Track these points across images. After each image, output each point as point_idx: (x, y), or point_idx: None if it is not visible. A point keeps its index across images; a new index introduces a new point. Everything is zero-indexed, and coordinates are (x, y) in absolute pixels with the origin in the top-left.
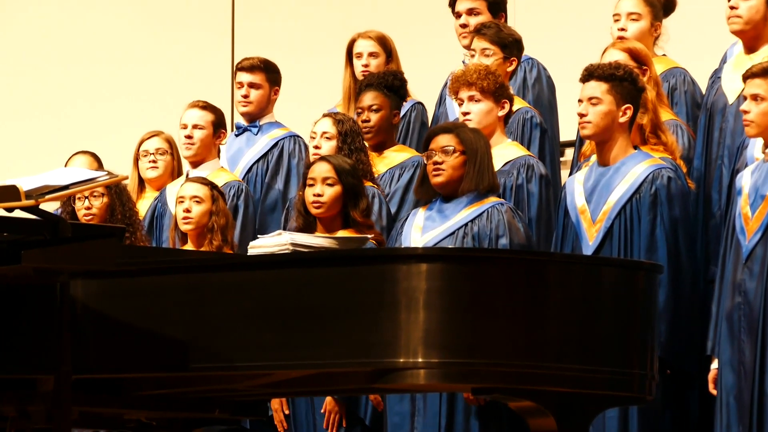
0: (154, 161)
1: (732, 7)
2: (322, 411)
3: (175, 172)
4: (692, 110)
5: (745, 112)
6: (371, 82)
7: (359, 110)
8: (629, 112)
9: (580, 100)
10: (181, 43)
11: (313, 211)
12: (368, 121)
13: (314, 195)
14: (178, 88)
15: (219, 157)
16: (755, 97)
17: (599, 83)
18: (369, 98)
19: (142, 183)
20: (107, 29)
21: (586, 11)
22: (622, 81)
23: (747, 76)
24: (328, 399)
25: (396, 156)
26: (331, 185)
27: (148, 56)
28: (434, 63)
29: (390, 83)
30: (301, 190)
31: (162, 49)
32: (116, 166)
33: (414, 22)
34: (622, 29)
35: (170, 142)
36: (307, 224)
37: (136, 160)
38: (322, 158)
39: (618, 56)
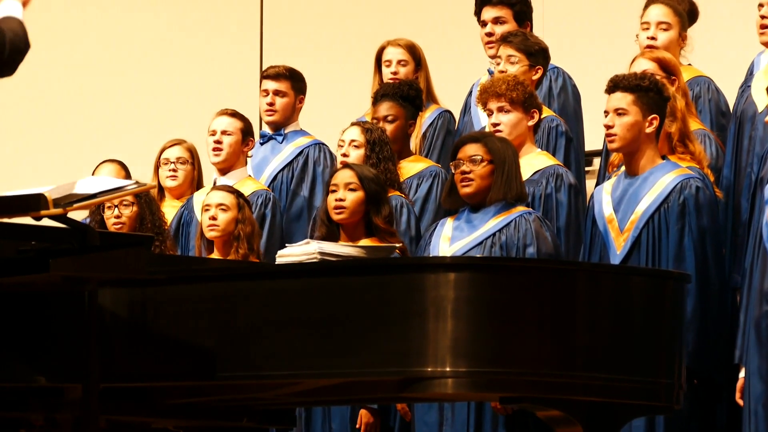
0: (174, 170)
1: (762, 16)
2: (357, 426)
3: (194, 182)
4: (716, 119)
5: None
6: (387, 92)
7: (375, 120)
8: (655, 123)
9: (606, 112)
10: (209, 51)
11: (335, 216)
12: (383, 131)
13: (336, 200)
14: (206, 96)
15: (246, 165)
16: None
17: (625, 94)
18: (384, 109)
19: (161, 191)
20: (135, 37)
21: (612, 21)
22: (648, 91)
23: None
24: (363, 411)
25: (412, 166)
26: (353, 190)
27: (177, 64)
28: (459, 71)
29: (405, 93)
30: (324, 201)
31: (190, 58)
32: (145, 173)
33: (439, 31)
34: (652, 38)
35: (191, 152)
36: (330, 233)
37: (157, 167)
38: (345, 165)
39: (647, 66)
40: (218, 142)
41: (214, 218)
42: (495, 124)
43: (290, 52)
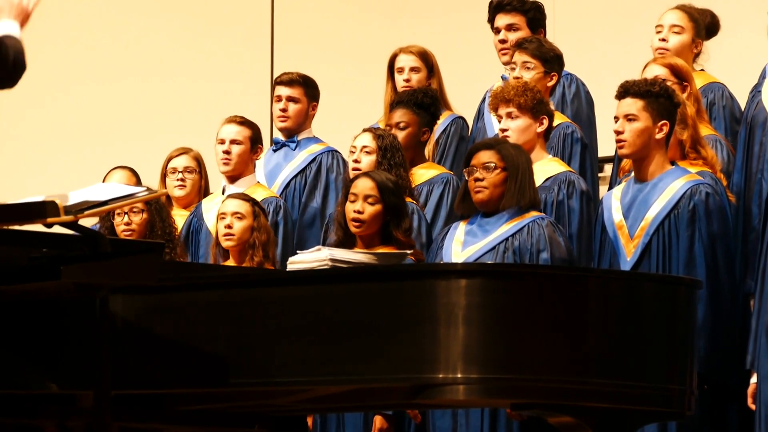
0: (182, 179)
1: None
2: None
3: (202, 190)
4: (731, 125)
5: None
6: (402, 99)
7: (389, 127)
8: (665, 128)
9: (616, 117)
10: (220, 58)
11: (353, 229)
12: (395, 137)
13: (354, 212)
14: (217, 103)
15: (255, 172)
16: None
17: (635, 100)
18: (397, 115)
19: (168, 199)
20: (146, 44)
21: (625, 27)
22: (658, 97)
23: None
24: (377, 418)
25: (424, 173)
26: (372, 204)
27: (188, 71)
28: (473, 78)
29: (420, 101)
30: (341, 204)
31: (201, 65)
32: (156, 181)
33: (452, 38)
34: (663, 40)
35: (198, 160)
36: (347, 238)
37: (164, 176)
38: (366, 174)
39: (659, 71)
40: (227, 152)
41: (229, 227)
42: (503, 130)
43: (301, 60)
